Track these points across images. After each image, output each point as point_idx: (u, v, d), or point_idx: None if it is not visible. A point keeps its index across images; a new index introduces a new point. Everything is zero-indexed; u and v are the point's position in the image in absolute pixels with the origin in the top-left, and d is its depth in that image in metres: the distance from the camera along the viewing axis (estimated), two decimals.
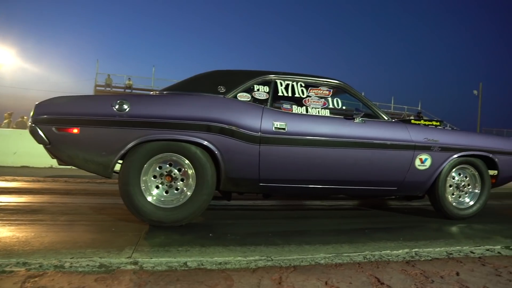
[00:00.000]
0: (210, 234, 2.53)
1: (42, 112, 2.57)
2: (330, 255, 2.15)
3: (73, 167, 2.72)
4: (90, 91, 22.65)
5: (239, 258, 2.04)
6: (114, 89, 22.84)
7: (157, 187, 2.69)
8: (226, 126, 2.67)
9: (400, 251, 2.30)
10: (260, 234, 2.61)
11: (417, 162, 3.16)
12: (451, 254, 2.30)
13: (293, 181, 2.92)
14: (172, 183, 2.70)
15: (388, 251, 2.28)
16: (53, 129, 2.54)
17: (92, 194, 4.18)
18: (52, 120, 2.55)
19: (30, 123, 2.57)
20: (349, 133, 2.95)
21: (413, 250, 2.34)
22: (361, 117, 3.02)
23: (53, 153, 2.63)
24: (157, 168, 2.69)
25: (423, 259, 2.17)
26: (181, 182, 2.70)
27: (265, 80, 2.98)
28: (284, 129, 2.79)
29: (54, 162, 6.99)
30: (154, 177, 2.69)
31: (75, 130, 2.55)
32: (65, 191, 4.29)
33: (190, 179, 2.69)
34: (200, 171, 2.66)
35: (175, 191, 2.70)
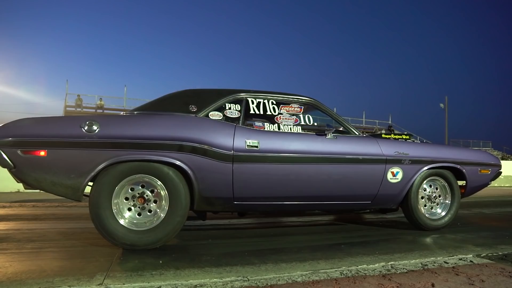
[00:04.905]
0: (185, 256, 2.47)
1: (6, 134, 2.46)
2: (307, 272, 2.13)
3: (41, 191, 2.60)
4: (60, 112, 22.05)
5: (215, 279, 2.00)
6: (84, 110, 22.33)
7: (129, 209, 2.62)
8: (198, 145, 2.64)
9: (376, 265, 2.32)
10: (235, 253, 2.56)
11: (389, 176, 3.22)
12: (426, 265, 2.33)
13: (267, 198, 2.91)
14: (145, 205, 2.63)
15: (364, 266, 2.29)
16: (18, 152, 2.44)
17: (62, 218, 4.02)
18: (17, 143, 2.44)
19: None
20: (321, 149, 2.98)
21: (389, 263, 2.36)
22: (332, 133, 3.07)
23: (18, 177, 2.52)
24: (129, 190, 2.63)
25: (399, 272, 2.19)
26: (154, 204, 2.65)
27: (236, 99, 2.99)
28: (256, 146, 2.79)
29: (21, 186, 6.72)
30: (126, 199, 2.62)
31: (42, 153, 2.46)
32: (33, 216, 4.11)
33: (163, 201, 2.63)
34: (173, 191, 2.61)
35: (148, 213, 2.64)
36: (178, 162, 2.61)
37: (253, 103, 3.04)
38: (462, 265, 2.34)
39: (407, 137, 3.88)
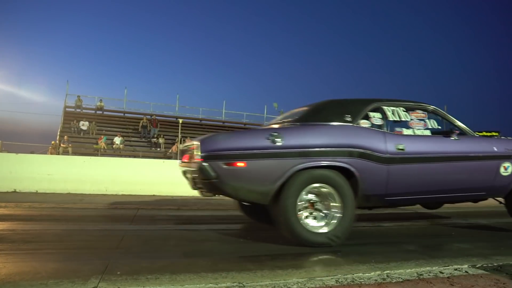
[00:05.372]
0: (181, 260, 2.46)
1: (209, 149, 2.76)
2: (302, 280, 2.13)
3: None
4: (59, 112, 22.00)
5: (210, 285, 1.99)
6: (84, 111, 22.26)
7: (310, 212, 2.95)
8: (363, 151, 3.02)
9: (372, 273, 2.31)
10: (232, 258, 2.56)
11: (502, 170, 3.66)
12: (421, 275, 2.33)
13: (411, 193, 3.35)
14: (321, 208, 2.98)
15: (360, 274, 2.28)
16: (222, 164, 2.71)
17: (58, 220, 4.00)
18: (220, 156, 2.73)
19: (198, 160, 2.73)
20: (451, 149, 3.43)
21: (385, 272, 2.35)
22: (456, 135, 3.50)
23: (218, 187, 2.78)
24: (309, 195, 2.92)
25: (394, 281, 2.18)
26: (333, 206, 2.95)
27: (376, 107, 3.36)
28: (403, 149, 3.19)
29: (17, 186, 6.70)
30: (307, 204, 2.93)
31: (241, 164, 2.73)
32: (29, 217, 4.09)
33: (337, 203, 2.94)
34: (345, 193, 2.94)
35: (326, 215, 2.97)
36: (348, 166, 2.96)
37: (388, 111, 3.40)
38: (457, 275, 2.34)
39: (497, 133, 4.15)
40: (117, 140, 17.52)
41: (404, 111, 3.46)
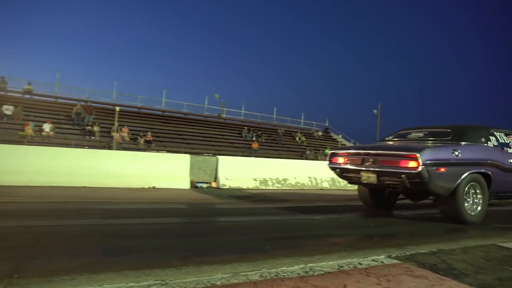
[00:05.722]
0: (103, 258, 2.35)
1: (427, 158, 3.98)
2: (227, 275, 2.13)
3: None
4: None
5: (131, 283, 1.93)
6: (9, 94, 20.33)
7: (467, 201, 4.40)
8: (496, 163, 4.67)
9: (296, 267, 2.38)
10: (158, 255, 2.50)
11: None
12: (341, 267, 2.44)
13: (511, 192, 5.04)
14: (473, 199, 4.47)
15: (284, 268, 2.34)
16: (435, 169, 4.03)
17: None
18: (433, 164, 4.03)
19: (419, 166, 3.91)
20: None
21: (308, 265, 2.43)
22: None
23: (426, 184, 4.03)
24: (468, 190, 4.37)
25: (316, 273, 2.27)
26: (478, 197, 4.49)
27: (492, 133, 5.01)
28: None
29: None
30: (467, 195, 4.37)
31: (443, 169, 4.11)
32: None
33: (480, 195, 4.50)
34: (485, 189, 4.51)
35: (476, 203, 4.49)
36: (489, 173, 4.54)
37: (497, 135, 5.01)
38: (374, 265, 2.49)
39: None
40: (47, 127, 16.33)
41: (505, 135, 5.13)
